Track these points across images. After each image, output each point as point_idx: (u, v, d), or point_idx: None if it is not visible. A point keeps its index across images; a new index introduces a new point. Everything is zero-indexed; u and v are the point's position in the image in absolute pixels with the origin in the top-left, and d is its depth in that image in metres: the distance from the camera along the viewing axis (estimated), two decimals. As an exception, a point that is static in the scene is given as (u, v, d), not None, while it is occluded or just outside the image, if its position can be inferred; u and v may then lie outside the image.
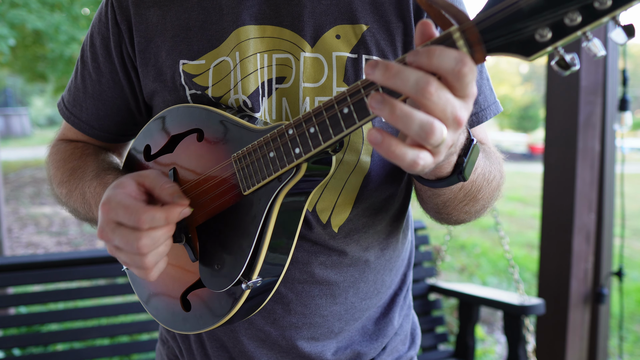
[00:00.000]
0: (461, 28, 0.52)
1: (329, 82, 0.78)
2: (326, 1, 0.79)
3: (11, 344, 1.93)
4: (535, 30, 0.49)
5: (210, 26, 0.80)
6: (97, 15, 0.89)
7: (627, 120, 2.23)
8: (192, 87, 0.81)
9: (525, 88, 39.43)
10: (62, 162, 0.91)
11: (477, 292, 2.21)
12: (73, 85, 0.92)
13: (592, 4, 0.47)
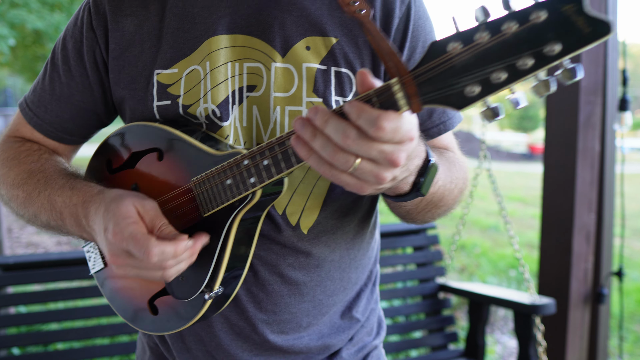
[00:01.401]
0: (401, 81, 0.58)
1: (299, 92, 0.81)
2: (297, 13, 0.81)
3: (11, 344, 1.93)
4: (466, 86, 0.55)
5: (182, 34, 0.83)
6: (72, 20, 0.90)
7: (627, 120, 2.24)
8: (162, 98, 0.83)
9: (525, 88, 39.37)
10: (16, 162, 0.89)
11: (487, 292, 2.21)
12: (39, 87, 0.92)
13: (515, 64, 0.52)
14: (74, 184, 0.83)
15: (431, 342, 2.26)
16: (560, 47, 0.51)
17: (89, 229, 0.78)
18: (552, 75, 0.53)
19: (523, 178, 13.30)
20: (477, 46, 0.53)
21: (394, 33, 0.83)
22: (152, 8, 0.84)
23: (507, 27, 0.52)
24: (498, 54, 0.53)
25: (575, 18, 0.50)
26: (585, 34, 0.50)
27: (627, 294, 4.45)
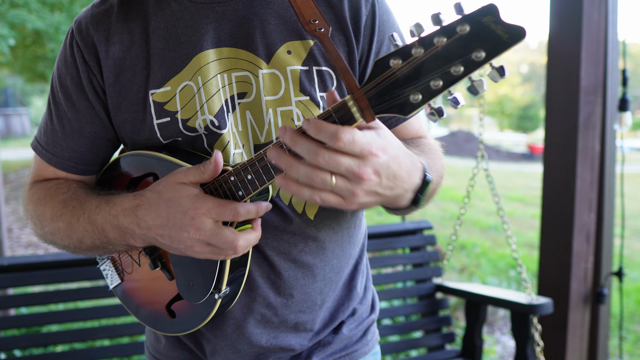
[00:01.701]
0: (353, 97, 0.67)
1: (287, 94, 0.89)
2: (274, 21, 0.88)
3: (12, 345, 1.93)
4: (409, 95, 0.64)
5: (169, 53, 0.89)
6: (61, 58, 0.94)
7: (627, 120, 2.24)
8: (161, 116, 0.89)
9: (525, 88, 39.42)
10: (48, 199, 0.94)
11: (484, 292, 2.21)
12: (49, 128, 0.97)
13: (448, 71, 0.61)
14: (109, 198, 0.88)
15: (428, 343, 2.26)
16: (484, 54, 0.60)
17: (139, 231, 0.83)
18: (482, 76, 0.62)
19: (523, 178, 13.30)
20: (415, 60, 0.62)
21: (363, 30, 0.90)
22: (136, 32, 0.90)
23: (438, 41, 0.61)
24: (433, 65, 0.62)
25: (494, 27, 0.59)
26: (505, 39, 0.59)
27: (627, 294, 4.45)
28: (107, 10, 0.92)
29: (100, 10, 0.92)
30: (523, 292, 2.13)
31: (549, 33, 2.26)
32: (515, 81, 36.99)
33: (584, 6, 2.12)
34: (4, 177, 10.62)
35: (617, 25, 2.24)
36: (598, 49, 2.19)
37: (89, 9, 0.94)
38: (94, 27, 0.91)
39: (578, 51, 2.15)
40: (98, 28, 0.91)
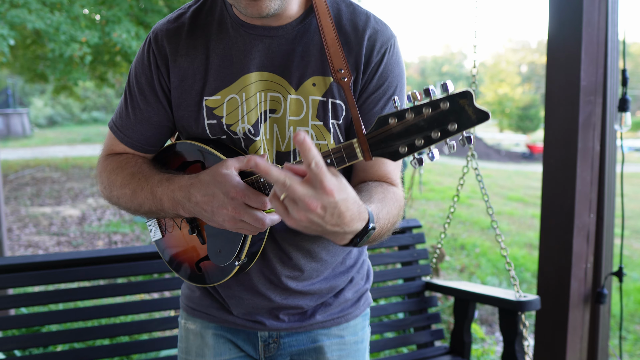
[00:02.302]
0: (359, 141, 0.89)
1: (306, 117, 1.12)
2: (307, 58, 1.11)
3: (12, 346, 1.93)
4: (399, 147, 0.86)
5: (223, 70, 1.12)
6: (139, 60, 1.18)
7: (627, 120, 2.23)
8: (210, 118, 1.14)
9: (525, 88, 39.39)
10: (120, 169, 1.19)
11: (472, 289, 2.22)
12: (124, 114, 1.21)
13: (429, 135, 0.83)
14: (169, 176, 1.12)
15: (418, 340, 2.29)
16: (456, 126, 0.81)
17: (189, 204, 1.06)
18: (454, 140, 0.83)
19: (523, 178, 13.29)
20: (406, 122, 0.84)
21: (369, 73, 1.11)
22: (199, 48, 1.13)
23: (425, 111, 0.82)
24: (418, 128, 0.84)
25: (467, 108, 0.80)
26: (473, 119, 0.80)
27: (627, 294, 4.45)
28: (179, 28, 1.14)
29: (173, 26, 1.15)
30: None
31: (548, 33, 2.26)
32: (515, 81, 36.97)
33: (584, 6, 2.12)
34: (4, 177, 10.61)
35: (617, 25, 2.23)
36: (598, 49, 2.19)
37: (164, 23, 1.16)
38: (167, 40, 1.14)
39: (578, 51, 2.15)
40: (171, 42, 1.14)
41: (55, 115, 29.05)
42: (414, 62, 60.67)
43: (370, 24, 1.12)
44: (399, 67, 1.15)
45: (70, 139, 20.95)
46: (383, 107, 1.13)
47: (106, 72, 10.92)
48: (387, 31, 1.14)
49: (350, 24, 1.11)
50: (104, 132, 24.51)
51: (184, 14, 1.17)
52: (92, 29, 7.91)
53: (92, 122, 30.01)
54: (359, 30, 1.11)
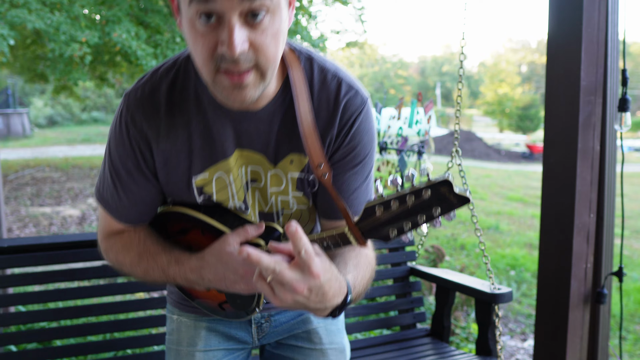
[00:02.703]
0: (351, 230, 0.96)
1: (287, 189, 1.18)
2: (284, 138, 1.13)
3: (8, 341, 1.93)
4: (388, 231, 0.92)
5: (207, 150, 1.14)
6: (119, 143, 1.15)
7: (627, 120, 2.23)
8: (201, 194, 1.18)
9: (525, 88, 39.36)
10: (126, 251, 1.22)
11: (452, 278, 2.33)
12: (115, 196, 1.20)
13: (415, 219, 0.89)
14: (177, 258, 1.18)
15: (401, 322, 2.42)
16: (439, 210, 0.87)
17: (203, 282, 1.15)
18: (438, 219, 0.89)
19: (523, 178, 13.29)
20: (392, 211, 0.90)
21: (340, 139, 1.13)
22: (180, 129, 1.12)
23: (409, 200, 0.88)
24: (404, 215, 0.89)
25: (448, 194, 0.85)
26: (454, 203, 0.86)
27: (627, 294, 4.45)
28: (156, 107, 1.11)
29: (150, 106, 1.11)
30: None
31: (548, 33, 2.26)
32: (515, 81, 36.96)
33: (584, 6, 2.12)
34: (4, 177, 10.60)
35: (617, 25, 2.23)
36: (598, 49, 2.19)
37: (139, 100, 1.12)
38: (147, 124, 1.11)
39: (578, 51, 2.15)
40: (151, 125, 1.11)
41: (55, 115, 29.03)
42: (414, 62, 60.65)
43: (342, 91, 1.12)
44: (369, 134, 1.16)
45: (70, 139, 20.95)
46: (352, 174, 1.16)
47: (106, 72, 10.92)
48: (358, 97, 1.13)
49: (324, 96, 1.12)
50: (104, 132, 24.51)
51: (157, 90, 1.12)
52: (92, 29, 7.91)
53: (92, 122, 30.00)
54: (333, 101, 1.12)
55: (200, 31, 0.94)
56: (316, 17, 10.70)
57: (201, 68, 0.98)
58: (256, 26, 0.93)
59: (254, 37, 0.94)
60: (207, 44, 0.94)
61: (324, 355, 1.42)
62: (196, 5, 0.91)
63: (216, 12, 0.91)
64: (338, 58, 39.20)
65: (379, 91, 38.18)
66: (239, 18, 0.92)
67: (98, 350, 1.99)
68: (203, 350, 1.36)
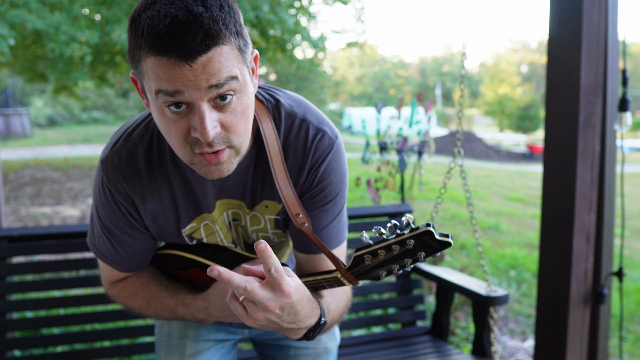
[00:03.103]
0: (343, 275, 1.05)
1: (266, 227, 1.25)
2: (258, 186, 1.19)
3: (12, 346, 1.93)
4: (379, 273, 1.01)
5: (190, 204, 1.20)
6: (107, 208, 1.19)
7: (627, 120, 2.23)
8: (192, 240, 1.26)
9: (525, 88, 39.35)
10: (133, 297, 1.29)
11: (451, 279, 2.34)
12: (113, 251, 1.25)
13: (403, 262, 0.97)
14: (183, 300, 1.24)
15: (401, 319, 2.43)
16: (424, 254, 0.95)
17: (210, 319, 1.23)
18: (424, 260, 0.96)
19: (523, 178, 13.29)
20: (379, 259, 0.98)
21: (310, 179, 1.17)
22: (163, 190, 1.17)
23: (394, 248, 0.95)
24: (392, 259, 0.98)
25: (430, 241, 0.93)
26: (436, 247, 0.93)
27: (627, 294, 4.45)
28: (136, 174, 1.14)
29: (129, 173, 1.14)
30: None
31: (548, 33, 2.26)
32: (515, 81, 36.94)
33: (584, 6, 2.12)
34: (4, 177, 10.60)
35: (617, 25, 2.23)
36: (598, 49, 2.19)
37: (117, 168, 1.14)
38: (131, 190, 1.15)
39: (578, 51, 2.15)
40: (135, 191, 1.15)
41: (55, 115, 29.03)
42: (414, 62, 60.64)
43: (310, 135, 1.15)
44: (338, 174, 1.19)
45: (70, 139, 20.94)
46: (322, 211, 1.19)
47: (106, 72, 10.92)
48: (326, 139, 1.16)
49: (294, 144, 1.15)
50: (104, 132, 24.50)
51: (134, 157, 1.14)
52: (92, 29, 7.91)
53: (92, 122, 30.00)
54: (302, 147, 1.16)
55: (170, 118, 0.95)
56: (316, 17, 10.69)
57: (176, 150, 1.01)
58: (225, 108, 0.96)
59: (224, 119, 0.96)
60: (179, 130, 0.96)
61: (318, 339, 1.48)
62: (163, 97, 0.92)
63: (185, 102, 0.93)
64: (338, 58, 39.16)
65: (379, 91, 38.17)
66: (208, 103, 0.93)
67: (104, 356, 1.98)
68: (194, 340, 1.39)
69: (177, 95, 0.91)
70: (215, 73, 0.90)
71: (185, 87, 0.90)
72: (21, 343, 1.96)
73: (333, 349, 1.52)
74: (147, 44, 0.88)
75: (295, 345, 1.47)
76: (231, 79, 0.93)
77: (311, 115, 1.17)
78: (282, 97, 1.18)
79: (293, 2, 9.32)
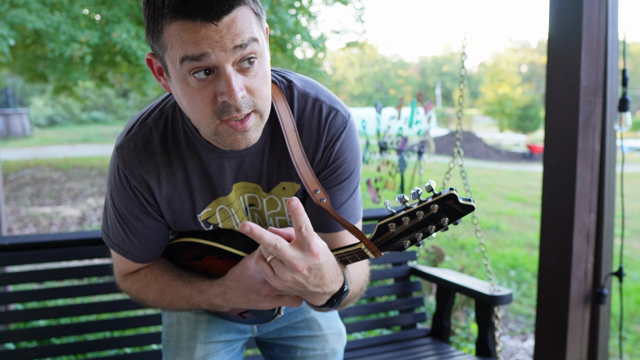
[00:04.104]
0: (367, 246, 1.02)
1: (283, 210, 1.24)
2: (275, 167, 1.18)
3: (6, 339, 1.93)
4: (403, 242, 0.99)
5: (206, 188, 1.19)
6: (123, 194, 1.18)
7: (627, 120, 2.23)
8: (207, 226, 1.24)
9: (525, 88, 39.36)
10: (147, 289, 1.28)
11: (452, 279, 2.33)
12: (127, 241, 1.24)
13: (427, 229, 0.96)
14: (199, 287, 1.23)
15: (401, 322, 2.42)
16: (447, 220, 0.94)
17: (227, 305, 1.21)
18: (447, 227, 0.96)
19: (523, 178, 13.29)
20: (404, 226, 0.97)
21: (325, 158, 1.17)
22: (178, 174, 1.17)
23: (418, 214, 0.94)
24: (416, 227, 0.96)
25: (454, 206, 0.92)
26: (460, 212, 0.93)
27: (627, 294, 4.45)
28: (152, 158, 1.15)
29: (145, 157, 1.14)
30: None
31: (548, 33, 2.26)
32: (515, 81, 36.95)
33: (584, 6, 2.12)
34: (4, 177, 10.61)
35: (617, 25, 2.23)
36: (598, 49, 2.19)
37: (133, 153, 1.14)
38: (147, 174, 1.15)
39: (578, 51, 2.15)
40: (150, 175, 1.15)
41: (55, 115, 29.03)
42: (414, 62, 60.65)
43: (323, 114, 1.16)
44: (353, 151, 1.20)
45: (70, 139, 20.95)
46: (338, 189, 1.19)
47: (106, 72, 10.92)
48: (339, 117, 1.17)
49: (308, 123, 1.16)
50: (104, 132, 24.49)
51: (149, 141, 1.15)
52: (92, 29, 7.91)
53: (92, 122, 30.00)
54: (316, 126, 1.17)
55: (195, 87, 0.97)
56: (316, 17, 10.69)
57: (201, 122, 1.01)
58: (248, 71, 0.98)
59: (249, 82, 0.98)
60: (205, 99, 0.97)
61: (325, 340, 1.48)
62: (189, 63, 0.93)
63: (211, 66, 0.94)
64: (338, 58, 39.14)
65: (379, 91, 38.16)
66: (232, 67, 0.95)
67: (98, 349, 1.99)
68: (204, 342, 1.39)
69: (203, 59, 0.92)
70: (239, 33, 0.92)
71: (212, 49, 0.91)
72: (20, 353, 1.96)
73: (340, 350, 1.52)
74: (170, 11, 0.91)
75: (302, 347, 1.47)
76: (253, 41, 0.95)
77: (323, 95, 1.18)
78: (294, 78, 1.19)
79: (293, 2, 9.32)
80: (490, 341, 2.19)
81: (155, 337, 2.07)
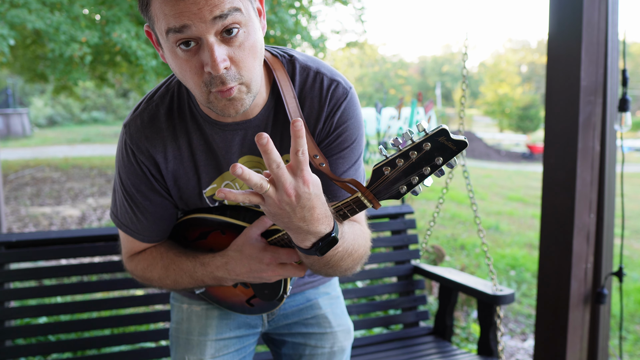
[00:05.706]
0: (364, 194, 1.00)
1: None
2: (278, 139, 1.18)
3: (7, 336, 1.93)
4: (399, 187, 0.98)
5: (211, 164, 1.21)
6: (130, 170, 1.20)
7: (627, 120, 2.23)
8: (213, 202, 1.25)
9: (525, 88, 39.36)
10: (152, 267, 1.29)
11: (455, 278, 2.33)
12: (134, 219, 1.25)
13: (421, 172, 0.94)
14: (201, 260, 1.23)
15: (404, 320, 2.42)
16: (441, 159, 0.92)
17: (229, 277, 1.21)
18: (441, 168, 0.94)
19: (523, 178, 13.29)
20: (399, 168, 0.95)
21: (327, 125, 1.18)
22: (184, 149, 1.19)
23: (412, 154, 0.93)
24: (411, 169, 0.95)
25: (447, 143, 0.91)
26: (454, 149, 0.91)
27: (627, 294, 4.45)
28: (159, 133, 1.17)
29: (152, 132, 1.17)
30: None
31: (548, 33, 2.26)
32: (515, 81, 36.95)
33: (584, 6, 2.12)
34: (4, 177, 10.61)
35: (617, 25, 2.23)
36: (598, 49, 2.19)
37: (140, 129, 1.17)
38: (154, 148, 1.17)
39: (578, 51, 2.15)
40: (157, 149, 1.17)
41: (55, 115, 29.02)
42: (414, 62, 60.63)
43: (325, 85, 1.18)
44: (354, 119, 1.20)
45: (70, 139, 20.94)
46: (339, 157, 1.20)
47: (106, 72, 10.92)
48: (341, 87, 1.18)
49: (310, 94, 1.17)
50: (104, 132, 24.49)
51: (156, 116, 1.18)
52: (92, 29, 7.91)
53: (92, 122, 30.00)
54: (318, 97, 1.18)
55: (183, 58, 0.98)
56: (316, 17, 10.69)
57: (195, 91, 1.03)
58: (232, 42, 0.98)
59: (233, 53, 0.98)
60: (193, 69, 0.99)
61: (335, 337, 1.49)
62: (173, 35, 0.95)
63: (193, 37, 0.95)
64: (338, 58, 39.15)
65: (379, 91, 38.16)
66: (215, 37, 0.96)
67: (98, 346, 1.99)
68: (215, 340, 1.39)
69: (185, 31, 0.94)
70: (218, 4, 0.93)
71: (191, 21, 0.93)
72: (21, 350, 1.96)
73: (347, 347, 1.52)
74: None
75: (312, 344, 1.47)
76: (235, 11, 0.95)
77: (324, 69, 1.20)
78: (295, 53, 1.21)
79: (293, 2, 9.32)
80: (492, 340, 2.20)
81: (156, 335, 2.07)
